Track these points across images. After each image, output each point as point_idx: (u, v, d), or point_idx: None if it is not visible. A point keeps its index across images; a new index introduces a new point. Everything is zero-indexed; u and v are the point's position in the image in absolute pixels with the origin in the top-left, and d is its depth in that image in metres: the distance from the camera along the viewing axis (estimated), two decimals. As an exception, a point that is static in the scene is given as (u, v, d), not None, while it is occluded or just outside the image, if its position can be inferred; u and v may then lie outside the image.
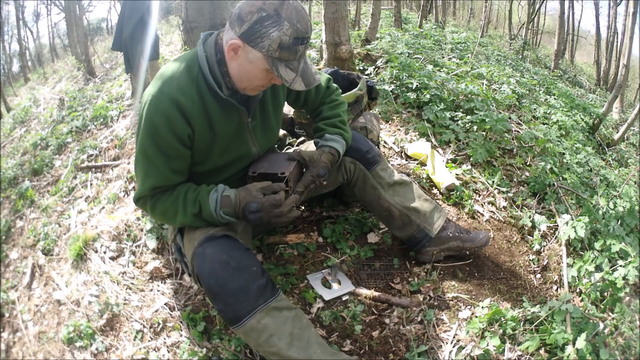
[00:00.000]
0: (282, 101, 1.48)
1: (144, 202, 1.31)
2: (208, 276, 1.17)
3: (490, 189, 2.22)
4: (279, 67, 1.13)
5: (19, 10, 14.04)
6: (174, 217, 1.28)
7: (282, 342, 1.18)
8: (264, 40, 1.09)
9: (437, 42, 5.91)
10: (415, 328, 1.49)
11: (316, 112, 1.60)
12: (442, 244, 1.68)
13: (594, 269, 1.62)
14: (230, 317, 1.18)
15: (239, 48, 1.14)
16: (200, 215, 1.26)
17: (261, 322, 1.17)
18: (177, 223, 1.32)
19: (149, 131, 1.20)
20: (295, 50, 1.13)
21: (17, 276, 2.25)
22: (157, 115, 1.18)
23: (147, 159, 1.23)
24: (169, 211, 1.28)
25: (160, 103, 1.17)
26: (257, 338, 1.18)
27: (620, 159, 4.40)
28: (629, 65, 5.26)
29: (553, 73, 9.11)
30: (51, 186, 2.87)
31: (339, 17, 3.29)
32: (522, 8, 17.90)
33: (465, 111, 2.94)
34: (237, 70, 1.19)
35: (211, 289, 1.17)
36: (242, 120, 1.33)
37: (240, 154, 1.38)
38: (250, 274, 1.18)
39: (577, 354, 1.27)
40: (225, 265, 1.17)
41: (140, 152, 1.24)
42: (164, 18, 8.87)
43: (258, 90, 1.27)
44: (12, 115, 5.50)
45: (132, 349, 1.51)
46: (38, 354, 1.75)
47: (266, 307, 1.18)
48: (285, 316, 1.21)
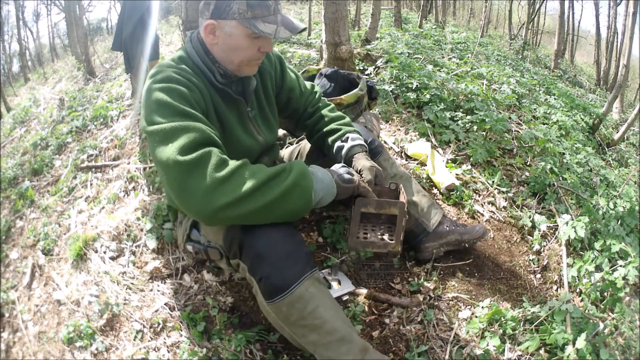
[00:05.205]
0: (272, 93, 1.47)
1: (202, 158, 1.02)
2: (259, 237, 1.09)
3: (490, 189, 2.22)
4: (257, 24, 1.14)
5: (19, 10, 14.05)
6: (251, 175, 1.05)
7: (328, 313, 1.11)
8: (232, 7, 1.13)
9: (437, 42, 5.92)
10: (415, 328, 1.49)
11: (315, 118, 1.57)
12: (440, 239, 1.69)
13: (594, 269, 1.62)
14: (277, 283, 1.07)
15: (214, 28, 1.17)
16: (288, 169, 1.10)
17: (309, 290, 1.09)
18: (252, 183, 1.03)
19: (166, 92, 1.09)
20: (266, 5, 1.15)
21: (17, 276, 2.24)
22: (172, 82, 1.12)
23: (176, 114, 1.07)
24: (244, 169, 1.05)
25: (172, 77, 1.13)
26: (302, 309, 1.09)
27: (620, 159, 4.40)
28: (629, 65, 5.26)
29: (553, 73, 9.11)
30: (51, 186, 2.87)
31: (339, 17, 3.29)
32: (522, 8, 17.92)
33: (465, 111, 2.94)
34: (222, 51, 1.21)
35: (261, 250, 1.08)
36: (242, 110, 1.33)
37: (248, 144, 1.37)
38: (298, 240, 1.14)
39: (577, 354, 1.27)
40: (275, 228, 1.11)
41: (162, 114, 1.07)
42: (164, 18, 8.88)
43: (252, 66, 1.26)
44: (12, 115, 5.50)
45: (132, 349, 1.51)
46: (38, 354, 1.75)
47: (312, 275, 1.12)
48: (325, 290, 1.17)
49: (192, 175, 1.01)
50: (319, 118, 1.56)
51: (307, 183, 1.10)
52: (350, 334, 1.13)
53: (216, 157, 1.04)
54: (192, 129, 1.05)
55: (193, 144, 1.04)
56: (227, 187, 1.02)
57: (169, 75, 1.14)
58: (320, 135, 1.54)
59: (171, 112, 1.07)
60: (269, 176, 1.06)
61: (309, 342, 1.13)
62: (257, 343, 1.48)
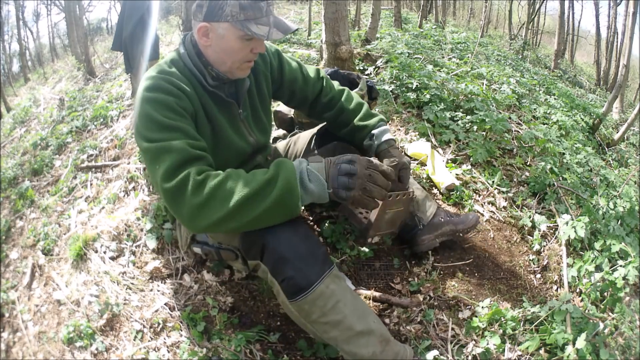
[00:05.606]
0: (266, 94, 1.48)
1: (181, 184, 1.05)
2: (281, 241, 1.12)
3: (490, 189, 2.22)
4: (250, 26, 1.15)
5: (19, 10, 14.05)
6: (229, 194, 1.04)
7: (347, 309, 1.15)
8: (224, 10, 1.14)
9: (437, 42, 5.92)
10: (415, 328, 1.49)
11: (334, 112, 1.57)
12: (436, 230, 1.71)
13: (594, 269, 1.62)
14: (301, 283, 1.11)
15: (207, 30, 1.18)
16: (273, 181, 1.06)
17: (329, 287, 1.14)
18: (231, 203, 1.03)
19: (152, 104, 1.12)
20: (259, 7, 1.16)
21: (17, 276, 2.24)
22: (159, 92, 1.14)
23: (162, 129, 1.09)
24: (224, 185, 1.05)
25: (160, 85, 1.15)
26: (323, 306, 1.13)
27: (620, 159, 4.40)
28: (629, 65, 5.26)
29: (553, 73, 9.12)
30: (51, 186, 2.87)
31: (339, 17, 3.29)
32: (522, 8, 17.92)
33: (465, 111, 2.94)
34: (214, 53, 1.22)
35: (284, 254, 1.12)
36: (234, 112, 1.34)
37: (239, 145, 1.38)
38: (315, 240, 1.18)
39: (577, 354, 1.27)
40: (294, 230, 1.15)
41: (149, 129, 1.10)
42: (164, 18, 8.88)
43: (245, 68, 1.27)
44: (12, 115, 5.50)
45: (132, 349, 1.51)
46: (38, 354, 1.75)
47: (331, 273, 1.16)
48: (344, 285, 1.20)
49: (175, 202, 1.07)
50: (338, 111, 1.58)
51: (292, 201, 1.07)
52: (369, 326, 1.17)
53: (193, 179, 1.05)
54: (173, 149, 1.07)
55: (173, 168, 1.06)
56: (207, 211, 1.05)
57: (158, 84, 1.15)
58: (346, 132, 1.58)
59: (157, 127, 1.10)
60: (251, 193, 1.04)
61: (331, 338, 1.18)
62: (257, 343, 1.48)
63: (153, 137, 1.10)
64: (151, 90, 1.14)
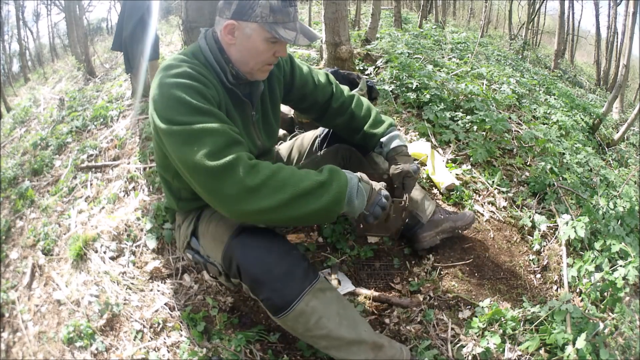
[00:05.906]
0: (279, 99, 1.48)
1: (231, 164, 1.01)
2: (253, 263, 1.12)
3: (490, 189, 2.22)
4: (278, 29, 1.15)
5: (19, 10, 14.04)
6: (283, 186, 1.03)
7: (331, 323, 1.15)
8: (255, 10, 1.13)
9: (437, 42, 5.91)
10: (415, 328, 1.49)
11: (345, 119, 1.58)
12: (436, 227, 1.73)
13: (594, 269, 1.62)
14: (278, 304, 1.12)
15: (234, 28, 1.17)
16: (327, 185, 1.06)
17: (309, 305, 1.13)
18: (284, 195, 1.02)
19: (181, 89, 1.07)
20: (287, 12, 1.16)
21: (17, 276, 2.25)
22: (188, 78, 1.10)
23: (195, 112, 1.05)
24: (278, 176, 1.04)
25: (188, 72, 1.12)
26: (306, 323, 1.14)
27: (620, 159, 4.40)
28: (629, 65, 5.26)
29: (553, 73, 9.11)
30: (51, 186, 2.87)
31: (339, 17, 3.29)
32: (522, 8, 17.92)
33: (465, 111, 2.94)
34: (238, 52, 1.21)
35: (257, 276, 1.12)
36: (247, 112, 1.34)
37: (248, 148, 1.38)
38: (293, 258, 1.16)
39: (577, 354, 1.27)
40: (268, 250, 1.14)
41: (179, 112, 1.05)
42: (164, 18, 8.88)
43: (265, 70, 1.27)
44: (12, 115, 5.50)
45: (132, 349, 1.51)
46: (38, 354, 1.75)
47: (312, 289, 1.14)
48: (329, 297, 1.19)
49: (223, 181, 1.02)
50: (349, 117, 1.58)
51: (336, 211, 1.09)
52: (358, 336, 1.17)
53: (245, 162, 1.03)
54: (217, 131, 1.05)
55: (220, 148, 1.03)
56: (257, 197, 1.02)
57: (185, 70, 1.12)
58: (359, 139, 1.59)
59: (188, 111, 1.06)
60: (305, 191, 1.04)
61: (322, 347, 1.20)
62: (257, 343, 1.48)
63: (184, 120, 1.05)
64: (179, 76, 1.10)
